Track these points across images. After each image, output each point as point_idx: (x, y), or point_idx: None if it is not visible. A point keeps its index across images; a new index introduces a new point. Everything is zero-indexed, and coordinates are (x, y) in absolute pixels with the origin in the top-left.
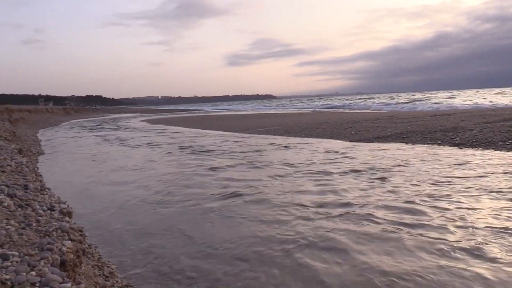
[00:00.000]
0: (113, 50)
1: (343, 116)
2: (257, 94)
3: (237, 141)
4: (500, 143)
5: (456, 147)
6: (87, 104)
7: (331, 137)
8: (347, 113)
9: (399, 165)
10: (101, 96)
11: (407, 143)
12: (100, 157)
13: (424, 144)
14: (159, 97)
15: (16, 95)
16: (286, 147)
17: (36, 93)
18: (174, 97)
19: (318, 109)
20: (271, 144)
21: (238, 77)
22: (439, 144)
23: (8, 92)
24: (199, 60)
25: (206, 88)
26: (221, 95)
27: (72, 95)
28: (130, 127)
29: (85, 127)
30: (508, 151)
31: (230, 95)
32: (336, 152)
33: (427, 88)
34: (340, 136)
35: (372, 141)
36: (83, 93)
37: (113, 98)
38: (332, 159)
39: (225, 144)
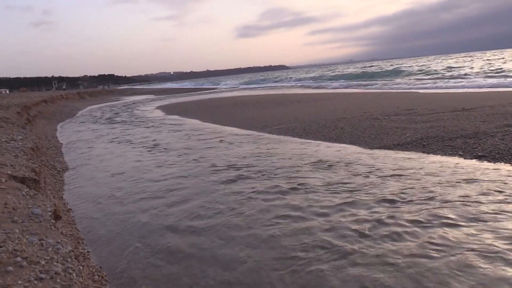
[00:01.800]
0: (123, 27)
1: (361, 105)
2: (270, 65)
3: (267, 151)
4: None
5: (477, 160)
6: (100, 84)
7: (350, 142)
8: (363, 95)
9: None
10: (113, 75)
11: (428, 153)
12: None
13: (445, 154)
14: (171, 73)
15: (30, 78)
16: (330, 167)
17: (49, 75)
18: (186, 72)
19: (332, 89)
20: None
21: (250, 49)
22: (460, 156)
23: (22, 76)
24: (209, 34)
25: (218, 61)
26: (233, 68)
27: (85, 75)
28: (146, 119)
29: (101, 118)
30: None
31: (243, 67)
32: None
33: (443, 51)
34: (359, 141)
35: (391, 149)
36: (95, 72)
37: (125, 76)
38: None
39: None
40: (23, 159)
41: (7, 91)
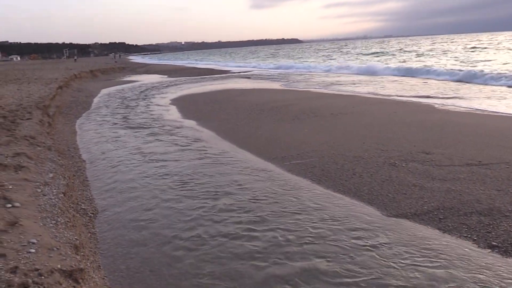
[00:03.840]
0: None
1: (378, 135)
2: (283, 39)
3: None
4: None
5: (490, 251)
6: (111, 52)
7: (369, 201)
8: (380, 111)
9: None
10: (124, 43)
11: (443, 231)
12: None
13: (459, 236)
14: (183, 43)
15: (41, 44)
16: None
17: (60, 42)
18: (198, 42)
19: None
20: None
21: (263, 21)
22: (474, 241)
23: (32, 41)
24: (223, 3)
25: (230, 33)
26: (245, 39)
27: (96, 43)
28: (164, 124)
29: (117, 115)
30: None
31: (255, 39)
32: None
33: (462, 30)
34: (377, 200)
35: (408, 218)
36: (106, 40)
37: (136, 45)
38: None
39: None
40: (62, 225)
41: (18, 58)
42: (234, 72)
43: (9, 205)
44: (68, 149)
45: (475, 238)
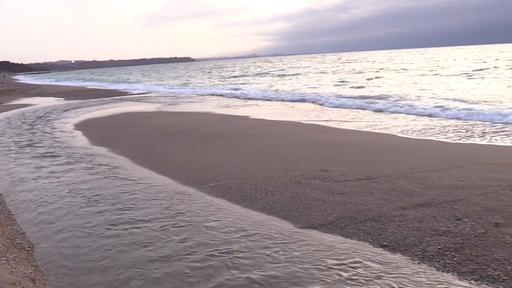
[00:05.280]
0: (20, 8)
1: (281, 155)
2: (175, 57)
3: None
4: (414, 247)
5: (382, 249)
6: None
7: (283, 216)
8: (279, 129)
9: None
10: (8, 62)
11: (346, 236)
12: None
13: (358, 240)
14: (73, 61)
15: None
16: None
17: None
18: (89, 61)
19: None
20: None
21: (156, 39)
22: (370, 243)
23: None
24: (114, 21)
25: (122, 51)
26: (138, 58)
27: None
28: (74, 152)
29: (19, 140)
30: (420, 262)
31: (148, 58)
32: None
33: (340, 50)
34: (289, 215)
35: (317, 229)
36: None
37: (22, 64)
38: None
39: None
40: (13, 260)
41: None
42: (132, 94)
43: None
44: None
45: (370, 240)
